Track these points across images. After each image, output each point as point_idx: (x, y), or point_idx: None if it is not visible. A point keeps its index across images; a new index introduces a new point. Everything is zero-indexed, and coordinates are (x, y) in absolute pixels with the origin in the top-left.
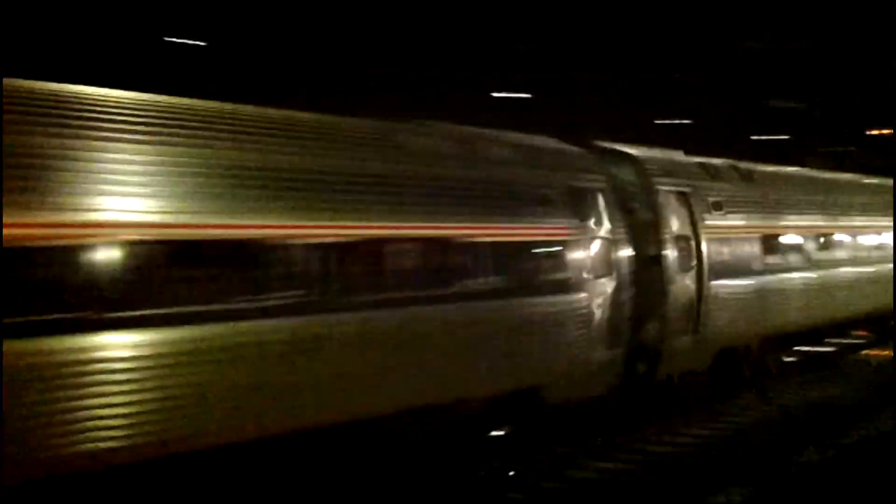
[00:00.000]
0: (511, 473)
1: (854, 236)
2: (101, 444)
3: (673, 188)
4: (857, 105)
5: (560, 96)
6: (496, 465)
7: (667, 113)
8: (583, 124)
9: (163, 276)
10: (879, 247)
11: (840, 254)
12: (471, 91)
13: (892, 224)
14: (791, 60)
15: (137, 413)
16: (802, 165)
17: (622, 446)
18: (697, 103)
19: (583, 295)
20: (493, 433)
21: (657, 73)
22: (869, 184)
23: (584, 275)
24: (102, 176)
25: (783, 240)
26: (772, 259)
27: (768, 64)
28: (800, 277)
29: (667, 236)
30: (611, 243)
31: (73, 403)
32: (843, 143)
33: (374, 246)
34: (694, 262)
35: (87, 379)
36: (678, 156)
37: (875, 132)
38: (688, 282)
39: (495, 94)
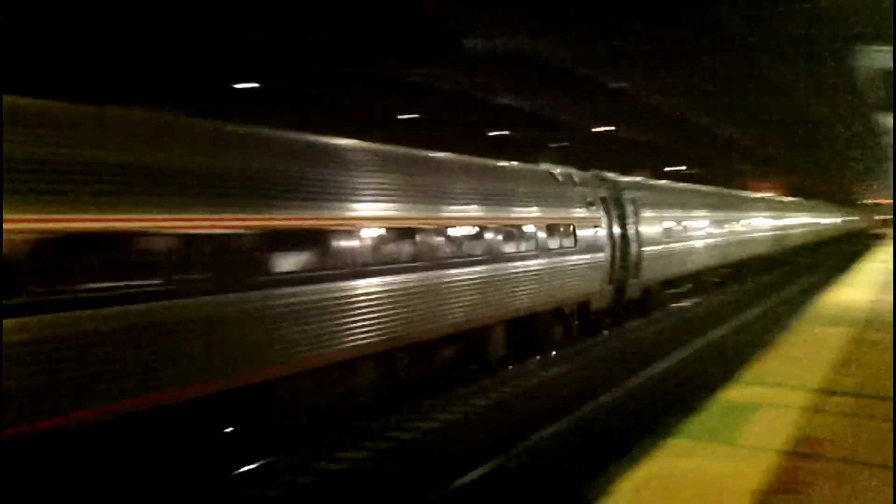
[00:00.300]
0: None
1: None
2: None
3: (629, 196)
4: (582, 104)
5: (298, 91)
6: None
7: (404, 108)
8: (324, 120)
9: None
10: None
11: (708, 230)
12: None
13: None
14: (514, 61)
15: None
16: (534, 160)
17: (372, 434)
18: (427, 100)
19: (602, 254)
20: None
21: (393, 69)
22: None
23: (601, 243)
24: None
25: (676, 223)
26: (670, 234)
27: (494, 64)
28: (683, 245)
29: (627, 222)
30: (609, 226)
31: None
32: (571, 140)
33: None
34: (636, 237)
35: None
36: (629, 177)
37: (599, 129)
38: (634, 248)
39: (237, 86)
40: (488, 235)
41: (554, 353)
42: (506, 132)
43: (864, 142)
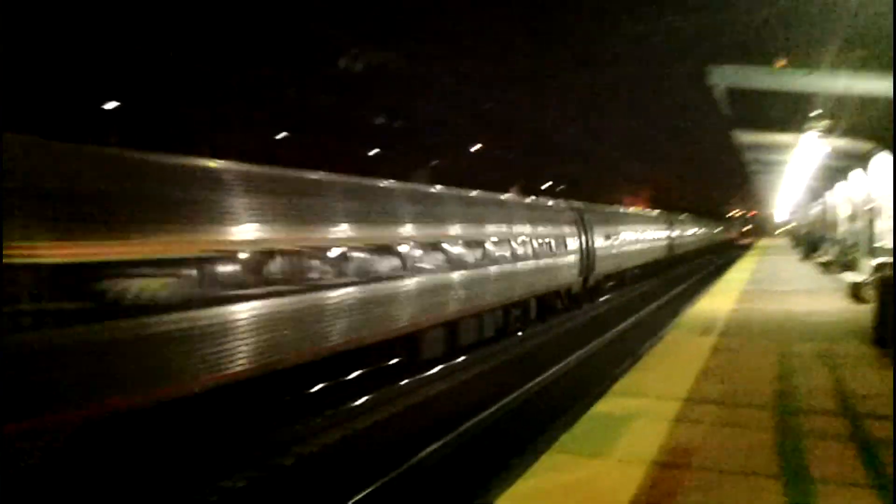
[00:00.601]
0: None
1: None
2: None
3: (589, 217)
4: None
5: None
6: None
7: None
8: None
9: None
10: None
11: (643, 235)
12: None
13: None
14: (388, 79)
15: None
16: (408, 179)
17: None
18: (304, 118)
19: (573, 256)
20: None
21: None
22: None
23: (575, 248)
24: None
25: (617, 232)
26: (613, 241)
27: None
28: (627, 249)
29: (588, 235)
30: (579, 238)
31: None
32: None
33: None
34: (590, 244)
35: None
36: (587, 204)
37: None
38: (591, 253)
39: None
40: (534, 244)
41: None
42: (380, 150)
43: (726, 157)
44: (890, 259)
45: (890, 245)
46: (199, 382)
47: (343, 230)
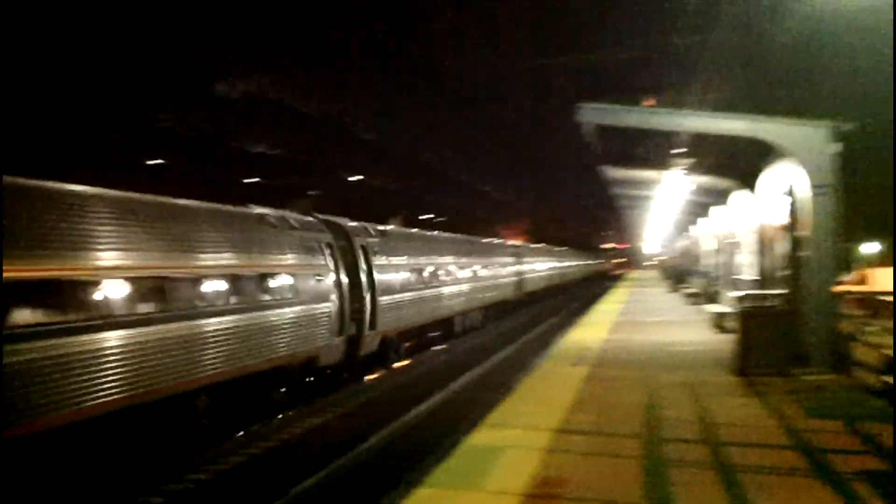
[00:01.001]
0: None
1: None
2: None
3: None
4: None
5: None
6: None
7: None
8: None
9: None
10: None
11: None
12: None
13: None
14: (266, 108)
15: None
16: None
17: None
18: (177, 145)
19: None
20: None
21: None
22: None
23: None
24: None
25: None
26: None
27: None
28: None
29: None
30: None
31: None
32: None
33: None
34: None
35: None
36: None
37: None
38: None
39: None
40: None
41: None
42: (259, 179)
43: (595, 192)
44: (750, 291)
45: (750, 277)
46: None
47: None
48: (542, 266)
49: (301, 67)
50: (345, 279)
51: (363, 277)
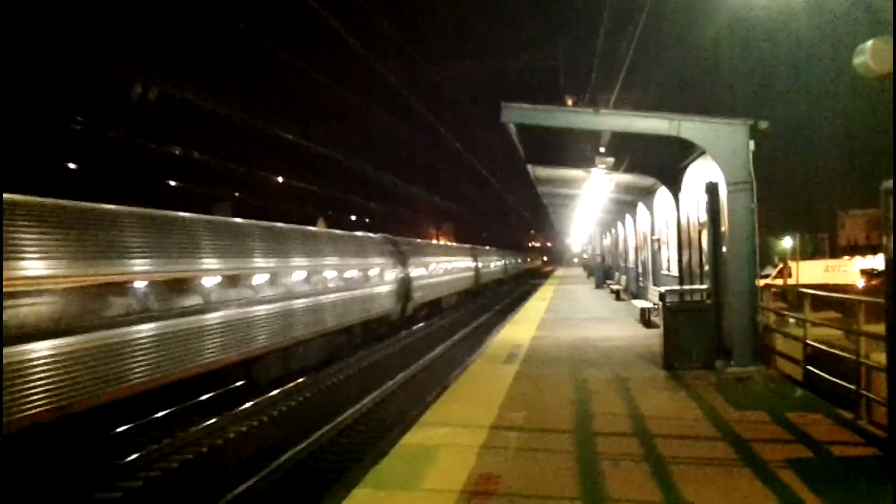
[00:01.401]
0: None
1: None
2: None
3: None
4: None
5: None
6: None
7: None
8: None
9: None
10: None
11: (444, 269)
12: None
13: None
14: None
15: None
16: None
17: None
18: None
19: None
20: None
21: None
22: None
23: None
24: None
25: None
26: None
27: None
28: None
29: (405, 266)
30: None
31: None
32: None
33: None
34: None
35: None
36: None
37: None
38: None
39: None
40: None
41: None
42: (181, 184)
43: (524, 191)
44: (673, 287)
45: (674, 273)
46: None
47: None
48: (490, 263)
49: (218, 70)
50: (398, 271)
51: (404, 270)
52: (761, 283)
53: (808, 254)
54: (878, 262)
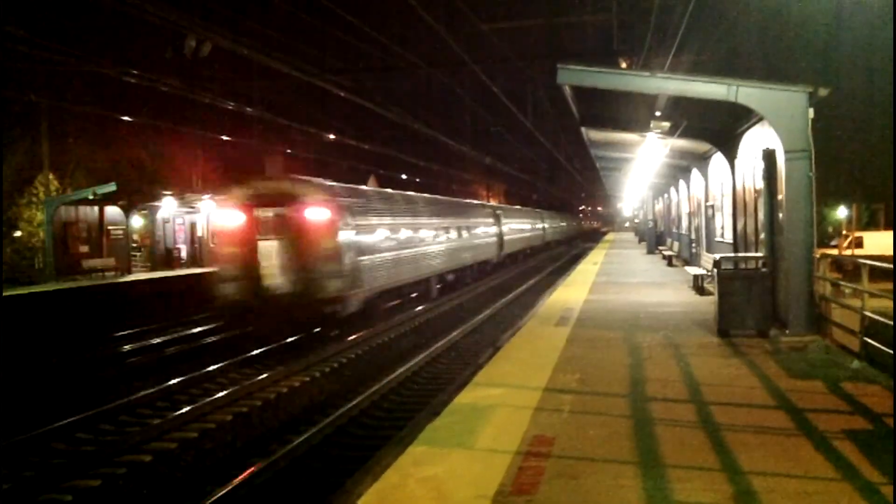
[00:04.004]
0: None
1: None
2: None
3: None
4: (313, 112)
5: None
6: None
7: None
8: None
9: None
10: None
11: (523, 226)
12: None
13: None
14: (239, 66)
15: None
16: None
17: None
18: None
19: (495, 237)
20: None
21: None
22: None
23: (496, 236)
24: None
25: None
26: (513, 230)
27: (212, 69)
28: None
29: (499, 225)
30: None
31: None
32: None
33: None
34: (501, 231)
35: None
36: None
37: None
38: (502, 236)
39: None
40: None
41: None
42: (233, 139)
43: (578, 154)
44: (728, 254)
45: (728, 240)
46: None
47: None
48: (554, 224)
49: (271, 25)
50: (497, 229)
51: (499, 228)
52: (828, 252)
53: (862, 224)
54: None
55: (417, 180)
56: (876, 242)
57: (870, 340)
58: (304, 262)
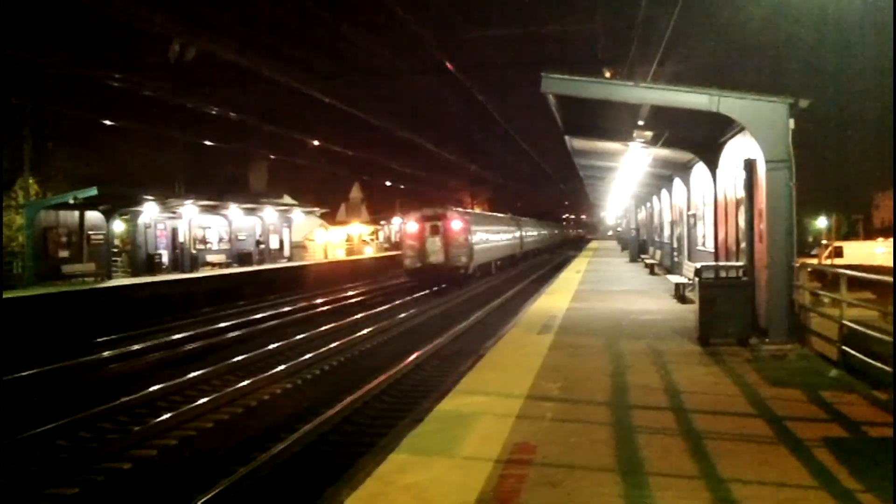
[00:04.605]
0: None
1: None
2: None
3: (519, 221)
4: (295, 117)
5: None
6: None
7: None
8: None
9: None
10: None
11: (535, 233)
12: None
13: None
14: (224, 71)
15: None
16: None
17: None
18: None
19: (518, 241)
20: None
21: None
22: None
23: (516, 237)
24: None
25: (531, 230)
26: (529, 235)
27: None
28: (530, 238)
29: (519, 230)
30: (518, 231)
31: None
32: (285, 153)
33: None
34: (522, 235)
35: None
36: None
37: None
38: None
39: None
40: (518, 233)
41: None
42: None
43: (562, 162)
44: (709, 263)
45: (709, 249)
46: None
47: (499, 228)
48: (534, 232)
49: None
50: (518, 233)
51: (519, 232)
52: (807, 261)
53: (842, 234)
54: None
55: (402, 187)
56: (856, 252)
57: (848, 349)
58: (448, 248)
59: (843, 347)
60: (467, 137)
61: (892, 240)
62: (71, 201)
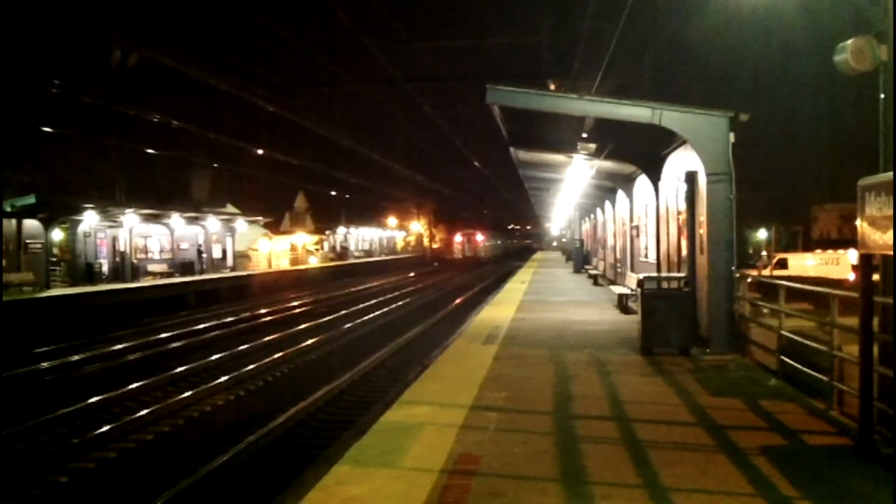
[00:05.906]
0: None
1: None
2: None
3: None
4: (242, 127)
5: None
6: None
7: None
8: None
9: None
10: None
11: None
12: None
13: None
14: (167, 78)
15: None
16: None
17: None
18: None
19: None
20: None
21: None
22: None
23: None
24: None
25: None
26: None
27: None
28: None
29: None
30: (493, 241)
31: None
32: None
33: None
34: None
35: None
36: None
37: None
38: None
39: None
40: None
41: None
42: (159, 151)
43: (508, 174)
44: (651, 274)
45: (651, 260)
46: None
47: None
48: (498, 241)
49: (201, 38)
50: (492, 242)
51: (495, 241)
52: (748, 272)
53: (782, 246)
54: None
55: (347, 196)
56: (800, 264)
57: (786, 359)
58: (475, 248)
59: (782, 357)
60: (414, 148)
61: (829, 252)
62: (8, 209)
